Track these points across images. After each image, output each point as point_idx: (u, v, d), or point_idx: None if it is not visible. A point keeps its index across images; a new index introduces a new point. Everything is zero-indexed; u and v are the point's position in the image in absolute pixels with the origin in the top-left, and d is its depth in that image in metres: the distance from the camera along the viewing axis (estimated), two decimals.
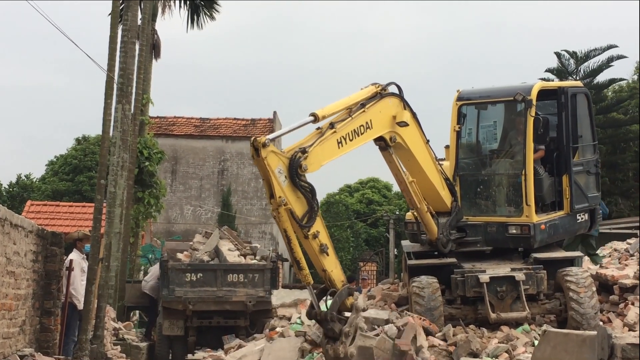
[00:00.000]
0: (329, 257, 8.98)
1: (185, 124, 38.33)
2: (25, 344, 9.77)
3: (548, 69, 37.85)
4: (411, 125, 10.25)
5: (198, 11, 25.48)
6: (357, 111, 9.46)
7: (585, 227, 12.10)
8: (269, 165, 8.33)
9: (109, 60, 13.72)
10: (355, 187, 57.07)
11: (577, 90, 12.19)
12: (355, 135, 9.45)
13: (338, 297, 8.98)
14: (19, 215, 9.53)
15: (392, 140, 10.07)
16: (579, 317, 10.34)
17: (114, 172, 13.88)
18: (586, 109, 12.21)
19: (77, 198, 40.27)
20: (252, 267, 15.41)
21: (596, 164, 12.27)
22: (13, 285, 9.12)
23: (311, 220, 8.66)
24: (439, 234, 10.99)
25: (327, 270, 9.01)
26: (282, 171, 8.48)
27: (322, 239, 8.85)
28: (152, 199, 21.64)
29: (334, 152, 9.20)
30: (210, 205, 36.76)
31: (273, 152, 8.41)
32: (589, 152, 12.30)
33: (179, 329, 15.30)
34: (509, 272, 10.72)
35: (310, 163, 8.69)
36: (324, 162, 9.06)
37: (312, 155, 8.75)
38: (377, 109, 9.86)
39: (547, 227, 11.34)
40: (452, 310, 10.79)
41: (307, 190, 8.66)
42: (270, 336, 11.79)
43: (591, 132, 12.30)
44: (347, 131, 9.31)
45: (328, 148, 9.08)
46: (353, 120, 9.38)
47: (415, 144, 10.45)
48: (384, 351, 9.23)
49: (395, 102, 10.13)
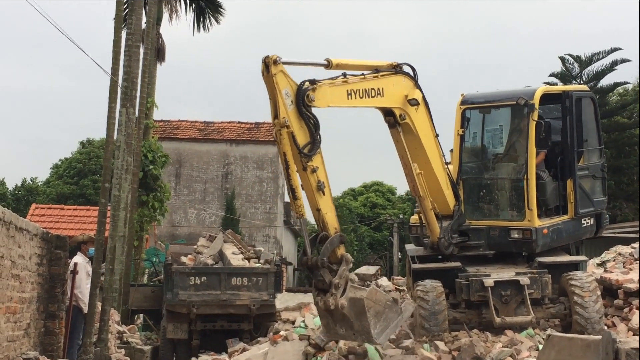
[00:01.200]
0: (324, 197, 9.03)
1: (189, 127, 38.36)
2: (29, 347, 9.78)
3: (552, 73, 37.85)
4: (421, 110, 10.44)
5: (204, 14, 25.53)
6: (370, 74, 9.72)
7: (591, 231, 12.02)
8: (277, 83, 8.50)
9: (113, 64, 13.74)
10: (359, 190, 57.11)
11: (583, 94, 12.11)
12: (366, 95, 9.64)
13: (329, 243, 8.99)
14: (24, 218, 9.54)
15: (401, 118, 10.20)
16: (584, 322, 10.32)
17: (119, 175, 13.90)
18: (592, 113, 12.15)
19: (81, 201, 40.40)
20: (256, 271, 15.40)
21: (602, 168, 12.20)
22: (18, 289, 9.14)
23: (312, 151, 8.80)
24: (440, 236, 10.98)
25: (321, 210, 9.03)
26: (289, 94, 8.65)
27: (321, 176, 8.93)
28: (156, 202, 21.67)
29: (343, 99, 9.35)
30: (214, 209, 36.77)
31: (283, 72, 8.59)
32: (595, 157, 12.22)
33: (183, 333, 15.31)
34: (514, 276, 10.71)
35: (317, 97, 8.84)
36: (332, 104, 9.22)
37: (321, 90, 8.94)
38: (391, 82, 10.06)
39: (550, 231, 11.27)
40: (456, 315, 10.78)
41: (310, 122, 8.80)
42: (274, 340, 11.79)
43: (597, 136, 12.22)
44: (358, 87, 9.51)
45: (337, 93, 9.25)
46: (365, 80, 9.63)
47: (424, 132, 10.55)
48: (375, 302, 9.15)
49: (408, 82, 10.34)
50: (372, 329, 9.01)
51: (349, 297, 8.92)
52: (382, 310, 9.25)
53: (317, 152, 8.91)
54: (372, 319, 9.04)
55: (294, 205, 8.86)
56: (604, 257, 14.53)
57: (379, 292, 9.53)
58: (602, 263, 14.41)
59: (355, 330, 9.12)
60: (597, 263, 14.47)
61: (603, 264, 14.31)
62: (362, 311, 8.96)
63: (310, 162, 8.83)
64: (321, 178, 8.95)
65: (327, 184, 9.06)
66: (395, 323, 9.47)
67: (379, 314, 9.15)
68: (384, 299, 9.36)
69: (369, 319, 8.97)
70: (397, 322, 9.47)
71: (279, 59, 8.49)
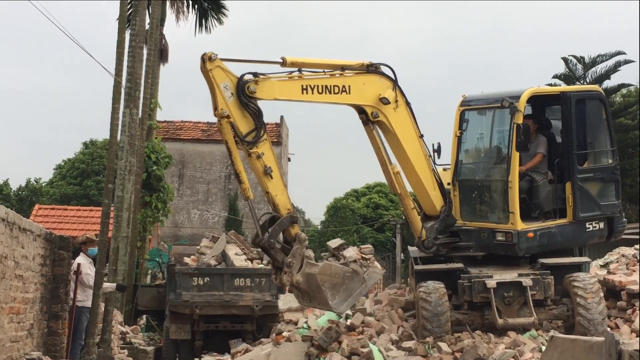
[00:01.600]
0: (273, 180, 9.73)
1: (193, 128, 38.42)
2: (33, 348, 9.80)
3: (555, 75, 37.83)
4: (401, 110, 10.76)
5: (207, 15, 25.55)
6: (333, 72, 10.22)
7: (600, 236, 11.75)
8: (214, 78, 9.35)
9: (117, 65, 13.77)
10: (362, 191, 57.04)
11: (586, 94, 11.97)
12: (326, 91, 10.14)
13: (279, 225, 9.61)
14: (27, 219, 9.56)
15: (373, 116, 10.54)
16: (587, 323, 10.30)
17: (122, 176, 13.93)
18: (599, 114, 11.84)
19: (84, 202, 40.44)
20: (259, 272, 15.39)
21: (614, 170, 11.74)
22: (21, 289, 9.16)
23: (255, 139, 9.55)
24: (427, 236, 11.12)
25: (270, 193, 9.78)
26: (228, 87, 9.45)
27: (267, 162, 9.64)
28: (160, 203, 21.68)
29: (295, 93, 10.00)
30: (217, 210, 36.81)
31: (220, 67, 9.43)
32: (604, 159, 11.98)
33: (186, 333, 15.30)
34: (516, 277, 10.69)
35: (261, 90, 9.59)
36: (280, 97, 9.94)
37: (266, 84, 9.65)
38: (361, 80, 10.48)
39: (538, 235, 11.12)
40: (459, 316, 10.76)
41: (253, 111, 9.52)
42: (277, 341, 11.78)
43: (608, 137, 11.85)
44: (315, 83, 10.07)
45: (288, 87, 9.95)
46: (327, 77, 10.18)
47: (404, 131, 10.83)
48: (330, 275, 9.80)
49: (385, 82, 10.65)
50: (330, 300, 9.83)
51: (304, 273, 9.56)
52: (340, 282, 9.97)
53: (263, 140, 9.61)
54: (329, 291, 9.80)
55: (240, 189, 9.78)
56: (607, 259, 14.50)
57: (334, 265, 10.24)
58: (605, 264, 14.38)
59: (317, 301, 9.99)
60: (600, 264, 14.44)
61: (606, 265, 14.27)
62: (317, 285, 9.66)
63: (254, 149, 9.56)
64: (268, 163, 9.64)
65: (276, 168, 9.78)
66: (358, 291, 10.25)
67: (336, 286, 9.92)
68: (341, 271, 10.08)
69: (325, 292, 9.72)
70: (360, 290, 10.24)
71: (214, 56, 9.29)
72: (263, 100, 9.73)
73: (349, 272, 10.17)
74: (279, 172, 9.91)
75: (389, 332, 11.15)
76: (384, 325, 11.34)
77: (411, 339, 10.75)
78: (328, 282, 9.81)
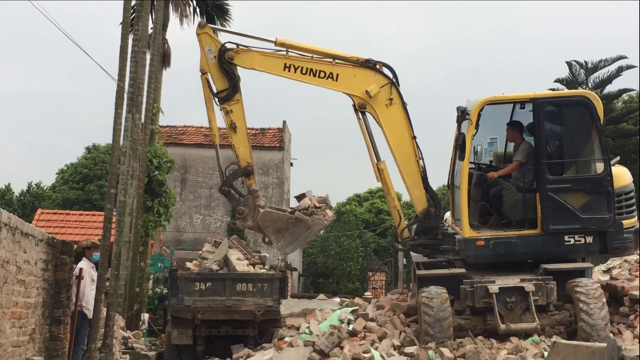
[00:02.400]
0: (237, 135, 11.62)
1: (195, 133, 38.39)
2: (34, 352, 9.80)
3: (557, 79, 37.82)
4: (395, 108, 11.45)
5: (213, 21, 25.55)
6: (323, 58, 11.51)
7: (588, 250, 11.10)
8: (200, 41, 11.55)
9: (120, 70, 13.79)
10: (365, 196, 57.06)
11: (563, 100, 11.42)
12: (311, 74, 11.42)
13: (232, 174, 11.74)
14: (30, 223, 9.57)
15: (359, 106, 11.52)
16: (589, 329, 10.27)
17: (124, 181, 13.94)
18: (585, 120, 11.10)
19: (87, 207, 40.44)
20: (261, 277, 15.38)
21: (603, 181, 10.90)
22: (23, 294, 9.16)
23: (227, 97, 11.49)
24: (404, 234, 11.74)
25: (233, 145, 11.68)
26: (212, 50, 11.49)
27: (235, 118, 11.56)
28: (162, 208, 21.68)
29: (276, 69, 11.50)
30: (220, 215, 36.77)
31: (208, 34, 11.61)
32: (591, 168, 11.21)
33: (188, 338, 15.29)
34: (519, 282, 10.68)
35: (241, 59, 11.49)
36: (258, 68, 11.53)
37: (247, 54, 11.50)
38: (352, 72, 11.49)
39: (491, 244, 11.02)
40: (461, 321, 10.75)
41: (228, 74, 11.45)
42: (279, 346, 11.77)
43: (599, 145, 11.06)
44: (300, 64, 11.43)
45: (270, 61, 11.52)
46: (314, 62, 11.48)
47: (393, 129, 11.48)
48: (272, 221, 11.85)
49: (380, 80, 11.46)
50: (275, 242, 11.93)
51: (254, 218, 11.73)
52: (284, 227, 11.83)
53: (236, 101, 11.55)
54: (273, 235, 11.83)
55: (211, 134, 11.86)
56: (610, 264, 14.48)
57: (275, 212, 12.06)
58: (608, 270, 14.37)
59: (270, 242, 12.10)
60: (603, 270, 14.42)
61: (609, 271, 14.26)
62: (262, 230, 11.75)
63: (224, 105, 11.55)
64: (234, 119, 11.55)
65: (242, 125, 11.63)
66: (304, 236, 12.03)
67: (280, 230, 11.84)
68: (284, 218, 11.90)
69: (269, 235, 11.82)
70: (306, 235, 12.01)
71: (202, 24, 11.71)
72: (241, 67, 11.54)
73: (292, 218, 11.86)
74: (244, 130, 11.68)
75: (391, 337, 11.15)
76: (386, 331, 11.33)
77: (413, 345, 10.74)
78: (271, 227, 11.77)
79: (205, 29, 11.56)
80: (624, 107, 37.37)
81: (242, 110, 11.65)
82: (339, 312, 12.58)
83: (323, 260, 44.14)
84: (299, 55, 11.44)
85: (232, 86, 11.48)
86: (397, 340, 11.05)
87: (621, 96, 37.39)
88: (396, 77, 11.53)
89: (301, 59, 11.45)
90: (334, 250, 43.29)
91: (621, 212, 11.08)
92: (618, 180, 11.09)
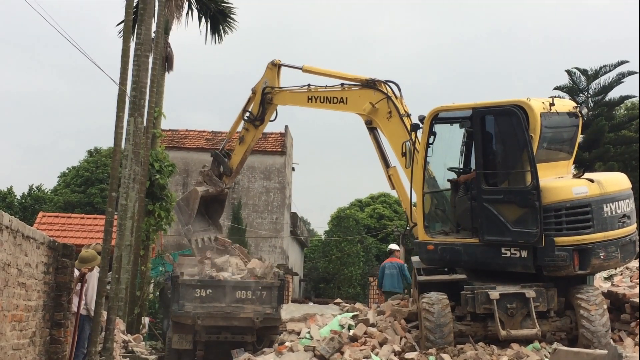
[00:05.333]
0: (239, 146, 15.10)
1: (197, 137, 38.43)
2: (35, 356, 9.79)
3: (557, 87, 37.79)
4: (394, 121, 12.40)
5: (217, 26, 25.51)
6: (335, 86, 13.45)
7: (524, 265, 10.67)
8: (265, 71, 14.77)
9: (122, 73, 13.78)
10: (366, 201, 57.00)
11: (498, 110, 10.92)
12: (327, 101, 13.47)
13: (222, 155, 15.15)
14: (31, 226, 9.57)
15: (367, 123, 13.09)
16: (590, 335, 10.26)
17: (126, 184, 13.94)
18: (515, 130, 10.64)
19: (88, 210, 40.45)
20: (260, 285, 15.49)
21: (529, 195, 10.39)
22: (24, 297, 9.15)
23: (252, 121, 14.84)
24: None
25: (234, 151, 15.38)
26: (266, 83, 14.52)
27: (246, 135, 14.98)
28: (163, 211, 21.67)
29: (303, 102, 13.98)
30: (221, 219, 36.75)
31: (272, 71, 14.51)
32: (521, 180, 10.73)
33: (188, 343, 15.41)
34: (519, 289, 10.67)
35: (277, 98, 14.51)
36: (290, 103, 14.45)
37: (281, 94, 14.39)
38: (357, 94, 13.02)
39: (439, 249, 11.18)
40: (461, 327, 10.74)
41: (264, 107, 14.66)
42: (280, 350, 11.77)
43: (527, 156, 10.51)
44: (319, 95, 13.62)
45: (297, 97, 14.09)
46: (327, 91, 13.50)
47: (395, 140, 12.34)
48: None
49: (379, 95, 12.67)
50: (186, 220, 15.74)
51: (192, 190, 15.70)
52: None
53: (255, 127, 14.83)
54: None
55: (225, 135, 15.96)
56: (611, 271, 14.46)
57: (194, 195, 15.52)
58: (609, 277, 14.35)
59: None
60: (604, 277, 14.41)
61: (610, 278, 14.25)
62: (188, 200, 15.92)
63: (246, 125, 14.81)
64: (245, 136, 14.93)
65: (247, 143, 14.92)
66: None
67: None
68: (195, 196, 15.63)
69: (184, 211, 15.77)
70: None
71: (275, 62, 14.47)
72: (279, 104, 14.46)
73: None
74: (247, 147, 14.96)
75: (392, 343, 11.14)
76: (386, 336, 11.33)
77: (414, 350, 10.74)
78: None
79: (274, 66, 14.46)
80: (626, 114, 37.34)
81: (254, 136, 14.85)
82: (339, 317, 12.59)
83: (324, 265, 44.09)
84: (317, 87, 13.65)
85: (260, 118, 14.69)
86: (398, 345, 11.04)
87: (623, 103, 37.35)
88: (400, 91, 12.77)
89: (319, 91, 13.63)
90: (335, 255, 43.24)
91: (560, 227, 10.47)
92: (556, 195, 10.52)
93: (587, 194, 10.55)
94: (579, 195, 10.54)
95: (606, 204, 10.66)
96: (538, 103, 10.82)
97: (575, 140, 11.70)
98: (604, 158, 34.74)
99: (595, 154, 34.97)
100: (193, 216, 15.17)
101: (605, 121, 35.16)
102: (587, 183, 10.68)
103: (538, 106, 10.73)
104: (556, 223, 10.46)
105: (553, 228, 10.43)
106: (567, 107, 11.52)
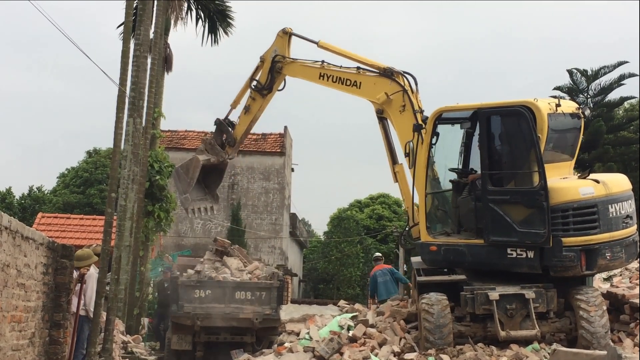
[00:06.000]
0: (245, 116, 14.05)
1: (196, 137, 38.43)
2: (34, 357, 9.78)
3: (557, 87, 37.81)
4: (406, 115, 11.97)
5: (215, 27, 25.52)
6: (349, 68, 12.80)
7: (530, 266, 10.62)
8: (276, 39, 13.71)
9: (121, 74, 13.79)
10: (366, 202, 56.99)
11: (503, 110, 10.89)
12: (339, 82, 12.81)
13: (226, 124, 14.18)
14: (30, 227, 9.56)
15: (378, 112, 12.50)
16: (589, 336, 10.25)
17: (125, 185, 13.92)
18: (523, 131, 10.63)
19: (87, 210, 40.44)
20: (260, 286, 15.49)
21: (537, 195, 10.36)
22: (23, 298, 9.14)
23: (259, 89, 13.75)
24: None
25: (239, 118, 14.19)
26: (276, 51, 13.63)
27: (252, 105, 13.91)
28: (162, 212, 21.69)
29: (313, 77, 13.19)
30: (220, 220, 36.75)
31: (284, 40, 13.60)
32: (528, 181, 10.72)
33: (187, 344, 15.39)
34: (519, 289, 10.65)
35: (287, 68, 13.61)
36: (300, 76, 13.54)
37: (292, 65, 13.56)
38: (372, 81, 12.52)
39: (442, 250, 11.11)
40: (461, 328, 10.73)
41: (272, 76, 13.63)
42: (279, 351, 11.77)
43: (534, 156, 10.47)
44: (332, 74, 12.91)
45: (308, 71, 13.30)
46: (342, 71, 12.83)
47: (405, 134, 11.90)
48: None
49: (394, 87, 12.17)
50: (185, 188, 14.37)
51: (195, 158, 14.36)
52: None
53: (262, 95, 13.75)
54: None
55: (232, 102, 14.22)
56: (611, 272, 14.45)
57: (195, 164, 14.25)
58: (609, 278, 14.34)
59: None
60: (604, 278, 14.39)
61: (609, 279, 14.24)
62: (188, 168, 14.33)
63: (253, 93, 13.80)
64: (252, 105, 13.91)
65: (253, 113, 13.93)
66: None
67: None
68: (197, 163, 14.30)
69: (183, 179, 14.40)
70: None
71: (287, 30, 13.60)
72: (288, 76, 13.64)
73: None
74: (252, 117, 13.98)
75: (391, 343, 11.13)
76: (386, 337, 11.32)
77: (413, 351, 10.73)
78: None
79: (284, 34, 13.56)
80: (625, 115, 37.38)
81: (261, 105, 13.86)
82: (339, 318, 12.58)
83: (323, 265, 44.11)
84: (331, 65, 12.91)
85: (269, 87, 13.67)
86: (397, 346, 11.03)
87: (622, 104, 37.39)
88: (417, 85, 12.32)
89: (332, 69, 12.89)
90: (335, 256, 43.27)
91: (567, 228, 10.45)
92: (564, 195, 10.48)
93: (593, 195, 10.54)
94: (586, 195, 10.52)
95: (611, 205, 10.66)
96: (545, 104, 10.79)
97: (577, 141, 11.67)
98: (603, 159, 34.79)
99: (595, 155, 35.02)
100: (192, 185, 14.04)
101: (604, 122, 35.21)
102: (593, 184, 10.66)
103: (545, 107, 10.70)
104: (563, 223, 10.45)
105: (560, 228, 10.42)
106: (570, 108, 11.49)
